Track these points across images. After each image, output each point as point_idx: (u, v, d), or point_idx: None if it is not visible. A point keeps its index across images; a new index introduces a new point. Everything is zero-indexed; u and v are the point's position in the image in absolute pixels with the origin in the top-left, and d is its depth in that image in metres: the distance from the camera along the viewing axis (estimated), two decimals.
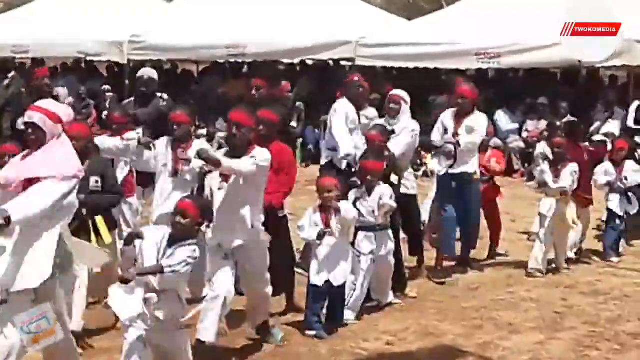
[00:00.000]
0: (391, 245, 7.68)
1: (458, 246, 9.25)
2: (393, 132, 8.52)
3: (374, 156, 7.81)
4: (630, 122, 13.09)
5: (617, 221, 9.88)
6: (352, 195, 7.55)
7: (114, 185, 7.01)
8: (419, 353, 6.81)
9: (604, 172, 9.90)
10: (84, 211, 6.37)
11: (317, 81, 17.61)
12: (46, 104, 5.40)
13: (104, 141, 7.89)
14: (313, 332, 7.06)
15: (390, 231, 7.69)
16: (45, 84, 10.26)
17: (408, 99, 8.90)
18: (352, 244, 7.48)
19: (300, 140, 16.22)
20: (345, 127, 8.45)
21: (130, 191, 8.11)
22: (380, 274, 7.69)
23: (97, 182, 6.74)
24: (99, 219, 6.74)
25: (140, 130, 8.25)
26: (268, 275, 6.63)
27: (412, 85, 11.92)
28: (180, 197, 6.17)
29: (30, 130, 5.24)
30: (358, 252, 7.50)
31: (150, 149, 7.46)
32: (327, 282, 7.14)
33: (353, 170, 8.17)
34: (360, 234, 7.57)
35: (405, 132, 8.63)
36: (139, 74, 9.75)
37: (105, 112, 10.73)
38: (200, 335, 6.22)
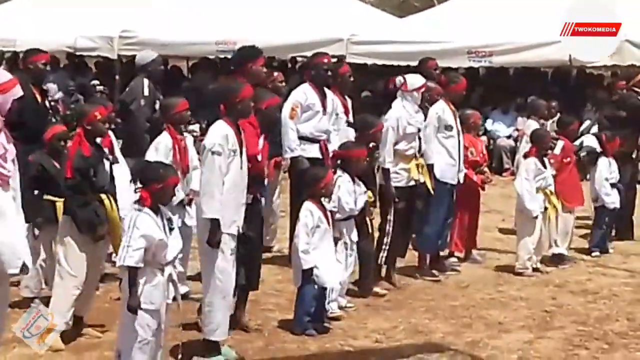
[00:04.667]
0: (354, 235, 7.61)
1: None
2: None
3: (356, 144, 7.84)
4: None
5: (606, 218, 9.96)
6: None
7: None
8: (408, 351, 6.79)
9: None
10: None
11: None
12: None
13: None
14: (303, 330, 7.03)
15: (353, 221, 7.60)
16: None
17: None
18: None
19: None
20: None
21: None
22: None
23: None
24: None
25: None
26: None
27: None
28: None
29: None
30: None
31: None
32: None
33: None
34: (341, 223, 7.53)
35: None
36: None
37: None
38: (208, 335, 6.21)
